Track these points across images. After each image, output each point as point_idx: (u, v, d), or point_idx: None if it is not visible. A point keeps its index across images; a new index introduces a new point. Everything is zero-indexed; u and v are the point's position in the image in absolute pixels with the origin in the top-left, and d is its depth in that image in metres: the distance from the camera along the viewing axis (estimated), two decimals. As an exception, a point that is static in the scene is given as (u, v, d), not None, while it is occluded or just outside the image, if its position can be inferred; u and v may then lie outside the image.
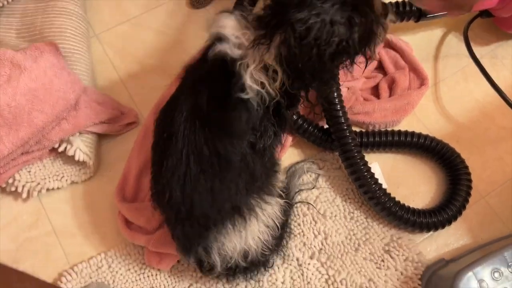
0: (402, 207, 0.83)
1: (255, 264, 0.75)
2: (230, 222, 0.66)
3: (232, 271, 0.74)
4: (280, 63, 0.62)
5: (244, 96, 0.63)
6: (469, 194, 0.87)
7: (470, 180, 0.88)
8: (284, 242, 0.82)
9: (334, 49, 0.59)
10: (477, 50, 1.03)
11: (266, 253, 0.73)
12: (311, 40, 0.58)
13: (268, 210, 0.70)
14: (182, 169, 0.64)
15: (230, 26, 0.64)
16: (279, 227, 0.73)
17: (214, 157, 0.64)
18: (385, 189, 0.83)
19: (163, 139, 0.67)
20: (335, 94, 0.87)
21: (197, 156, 0.63)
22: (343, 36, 0.59)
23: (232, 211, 0.66)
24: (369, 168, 0.83)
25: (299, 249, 0.84)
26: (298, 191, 0.88)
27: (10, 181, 0.84)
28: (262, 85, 0.64)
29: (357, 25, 0.59)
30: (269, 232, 0.71)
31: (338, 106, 0.86)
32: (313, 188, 0.89)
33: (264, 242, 0.70)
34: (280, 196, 0.75)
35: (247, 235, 0.68)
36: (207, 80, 0.66)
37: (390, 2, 0.93)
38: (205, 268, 0.73)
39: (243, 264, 0.72)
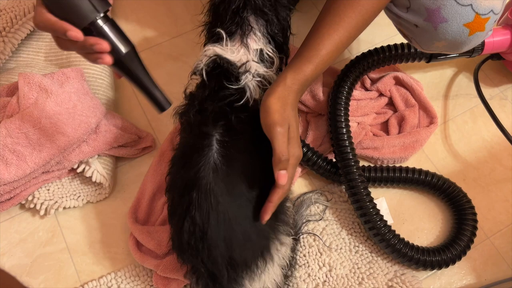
0: (407, 244, 0.84)
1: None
2: (255, 266, 0.67)
3: None
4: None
5: None
6: (474, 234, 0.88)
7: (475, 220, 0.89)
8: (289, 272, 0.84)
9: None
10: (487, 91, 1.06)
11: None
12: None
13: (283, 251, 0.71)
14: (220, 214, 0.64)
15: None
16: (289, 265, 0.74)
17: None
18: (390, 226, 0.85)
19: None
20: (344, 129, 0.90)
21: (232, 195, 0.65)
22: None
23: (261, 252, 0.67)
24: (375, 204, 0.85)
25: (304, 280, 0.85)
26: (305, 222, 0.90)
27: (30, 198, 0.88)
28: None
29: None
30: (282, 272, 0.72)
31: (347, 142, 0.88)
32: (320, 219, 0.91)
33: (279, 283, 0.71)
34: (289, 234, 0.76)
35: (266, 279, 0.68)
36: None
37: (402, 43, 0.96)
38: None
39: None
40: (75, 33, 0.54)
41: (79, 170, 0.89)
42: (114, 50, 0.57)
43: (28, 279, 0.85)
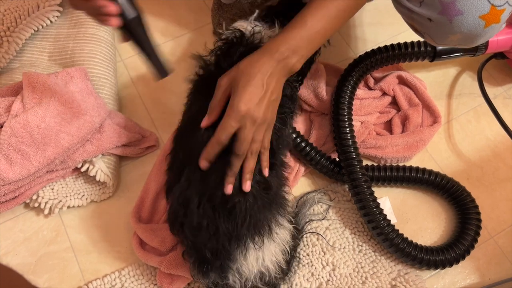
0: (410, 244, 0.84)
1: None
2: (251, 241, 0.67)
3: None
4: None
5: None
6: (478, 234, 0.88)
7: (479, 220, 0.89)
8: (292, 270, 0.84)
9: None
10: (490, 90, 1.06)
11: (279, 276, 0.74)
12: None
13: (281, 235, 0.71)
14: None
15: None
16: (289, 252, 0.74)
17: None
18: (393, 225, 0.84)
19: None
20: (347, 129, 0.90)
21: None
22: None
23: (254, 230, 0.67)
24: (378, 204, 0.85)
25: (307, 279, 0.85)
26: (308, 221, 0.90)
27: (34, 197, 0.88)
28: None
29: None
30: (281, 255, 0.72)
31: (350, 141, 0.88)
32: (323, 219, 0.91)
33: (278, 264, 0.71)
34: (290, 222, 0.76)
35: (264, 256, 0.69)
36: None
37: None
38: None
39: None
40: None
41: (83, 169, 0.89)
42: (122, 14, 0.61)
43: (32, 277, 0.85)
